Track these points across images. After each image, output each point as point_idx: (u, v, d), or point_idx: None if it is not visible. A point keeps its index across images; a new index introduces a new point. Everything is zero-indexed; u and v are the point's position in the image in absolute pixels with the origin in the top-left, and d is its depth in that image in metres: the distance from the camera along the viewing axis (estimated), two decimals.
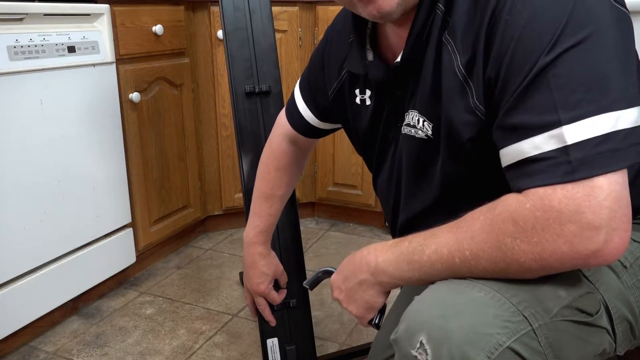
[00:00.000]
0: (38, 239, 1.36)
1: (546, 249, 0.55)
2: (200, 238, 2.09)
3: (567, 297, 0.60)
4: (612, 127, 0.53)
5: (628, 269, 0.66)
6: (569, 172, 0.53)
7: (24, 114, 1.29)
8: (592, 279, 0.64)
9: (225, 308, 1.59)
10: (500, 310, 0.57)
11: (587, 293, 0.62)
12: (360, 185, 2.07)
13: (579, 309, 0.61)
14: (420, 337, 0.57)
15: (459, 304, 0.59)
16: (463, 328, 0.56)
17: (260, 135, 1.28)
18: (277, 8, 1.88)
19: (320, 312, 1.55)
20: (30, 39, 1.28)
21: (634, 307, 0.65)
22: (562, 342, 0.59)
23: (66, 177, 1.42)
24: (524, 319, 0.57)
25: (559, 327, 0.59)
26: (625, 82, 0.55)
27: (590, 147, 0.53)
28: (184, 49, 1.81)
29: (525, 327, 0.57)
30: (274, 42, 1.33)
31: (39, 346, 1.40)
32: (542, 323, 0.58)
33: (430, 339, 0.57)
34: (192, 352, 1.38)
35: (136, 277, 1.77)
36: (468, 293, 0.59)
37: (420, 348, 0.57)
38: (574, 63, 0.55)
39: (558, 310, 0.59)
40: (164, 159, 1.78)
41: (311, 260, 1.88)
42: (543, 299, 0.59)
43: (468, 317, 0.57)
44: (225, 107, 1.95)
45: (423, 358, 0.56)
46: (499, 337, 0.56)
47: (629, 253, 0.67)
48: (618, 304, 0.64)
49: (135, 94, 1.60)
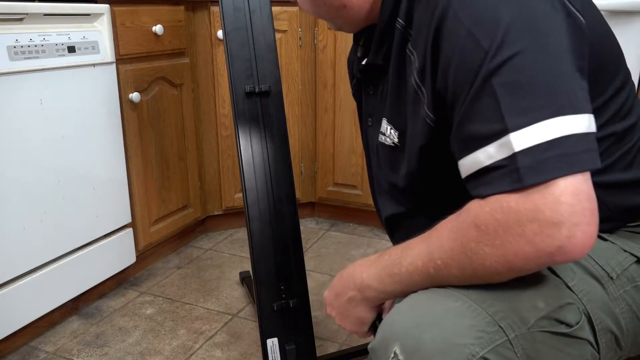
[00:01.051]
0: (38, 239, 1.36)
1: (509, 250, 0.54)
2: (200, 238, 2.09)
3: (545, 308, 0.59)
4: (560, 132, 0.53)
5: (615, 280, 0.65)
6: (518, 179, 0.53)
7: (24, 114, 1.29)
8: (575, 289, 0.63)
9: (225, 308, 1.59)
10: (476, 320, 0.57)
11: (567, 304, 0.61)
12: (360, 185, 2.07)
13: (558, 319, 0.60)
14: (395, 348, 0.58)
15: (434, 314, 0.58)
16: (436, 338, 0.56)
17: (260, 135, 1.28)
18: (277, 8, 1.88)
19: (320, 312, 1.55)
20: (30, 39, 1.28)
21: (619, 318, 0.64)
22: (540, 353, 0.58)
23: (66, 177, 1.42)
24: (500, 329, 0.57)
25: (537, 338, 0.58)
26: (572, 89, 0.55)
27: (537, 153, 0.53)
28: (184, 49, 1.81)
29: (500, 337, 0.57)
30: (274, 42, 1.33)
31: (39, 346, 1.40)
32: (518, 334, 0.58)
33: (404, 349, 0.57)
34: (192, 352, 1.38)
35: (136, 277, 1.77)
36: (444, 303, 0.59)
37: (394, 358, 0.57)
38: (519, 70, 0.54)
39: (535, 321, 0.59)
40: (164, 159, 1.78)
41: (311, 260, 1.88)
42: (520, 310, 0.58)
43: (442, 328, 0.57)
44: (225, 107, 1.95)
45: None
46: (472, 348, 0.55)
47: (617, 264, 0.66)
48: (602, 315, 0.63)
49: (135, 93, 1.60)
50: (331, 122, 2.05)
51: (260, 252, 1.23)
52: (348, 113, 2.01)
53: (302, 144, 2.10)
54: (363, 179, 2.06)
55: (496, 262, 0.56)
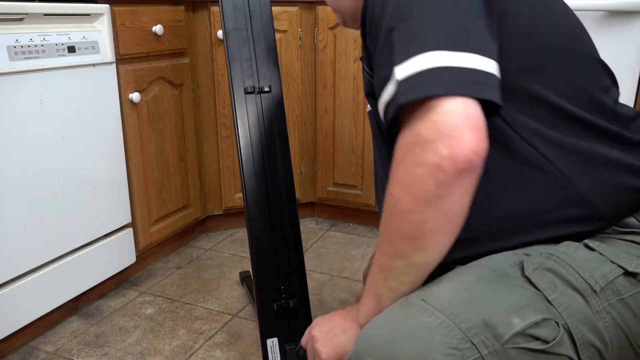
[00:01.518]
0: (38, 239, 1.36)
1: (407, 181, 0.59)
2: (200, 238, 2.09)
3: (520, 324, 0.59)
4: (439, 63, 0.57)
5: (598, 294, 0.64)
6: (396, 103, 0.59)
7: (24, 114, 1.29)
8: (555, 303, 0.62)
9: (225, 308, 1.59)
10: (447, 337, 0.58)
11: (543, 319, 0.60)
12: (360, 185, 2.07)
13: (533, 336, 0.59)
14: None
15: (406, 330, 0.59)
16: (408, 354, 0.57)
17: (260, 135, 1.28)
18: (277, 8, 1.88)
19: (320, 312, 1.55)
20: (30, 39, 1.28)
21: (602, 332, 0.63)
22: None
23: (66, 177, 1.42)
24: (473, 345, 0.57)
25: (511, 354, 0.58)
26: (455, 29, 0.60)
27: (414, 78, 0.58)
28: (184, 49, 1.81)
29: (473, 354, 0.57)
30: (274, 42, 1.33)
31: (39, 346, 1.40)
32: (492, 350, 0.58)
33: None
34: (192, 352, 1.38)
35: (136, 277, 1.77)
36: (417, 318, 0.60)
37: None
38: (410, 21, 0.61)
39: (510, 337, 0.58)
40: (164, 159, 1.78)
41: (311, 260, 1.88)
42: (494, 326, 0.58)
43: (414, 344, 0.58)
44: (225, 107, 1.95)
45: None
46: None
47: (601, 276, 0.65)
48: (583, 329, 0.62)
49: (135, 94, 1.60)
50: (331, 122, 2.05)
51: (260, 252, 1.23)
52: (348, 113, 2.01)
53: (302, 144, 2.10)
54: (363, 179, 2.06)
55: (405, 199, 0.60)
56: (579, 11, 1.56)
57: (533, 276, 0.64)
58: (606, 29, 1.55)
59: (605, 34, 1.56)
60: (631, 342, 0.65)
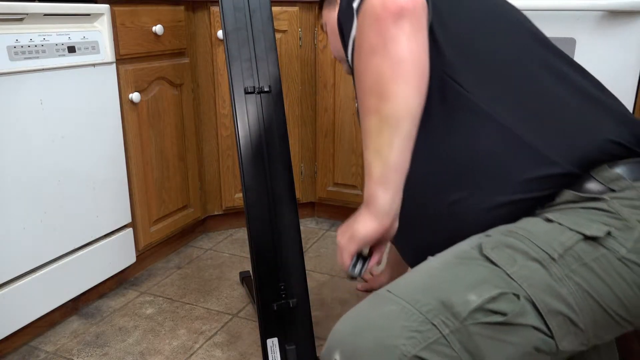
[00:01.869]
0: (38, 239, 1.36)
1: (360, 44, 0.69)
2: (200, 238, 2.09)
3: (477, 300, 0.61)
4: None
5: (557, 261, 0.65)
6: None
7: (24, 114, 1.29)
8: (515, 276, 0.64)
9: (225, 308, 1.59)
10: (409, 321, 0.60)
11: (500, 294, 0.62)
12: (360, 185, 2.07)
13: (492, 310, 0.61)
14: (335, 355, 0.62)
15: (369, 320, 0.62)
16: (370, 342, 0.59)
17: (260, 135, 1.28)
18: (277, 8, 1.88)
19: (320, 312, 1.55)
20: (30, 39, 1.28)
21: (567, 299, 0.63)
22: (479, 345, 0.60)
23: (66, 177, 1.42)
24: (433, 326, 0.60)
25: (472, 330, 0.60)
26: None
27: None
28: (184, 49, 1.81)
29: (434, 334, 0.59)
30: (274, 42, 1.33)
31: (39, 346, 1.40)
32: (453, 329, 0.60)
33: (343, 356, 0.61)
34: (192, 352, 1.38)
35: (136, 277, 1.77)
36: (381, 308, 0.63)
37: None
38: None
39: (468, 314, 0.60)
40: (164, 159, 1.78)
41: (311, 260, 1.88)
42: (452, 305, 0.61)
43: (376, 331, 0.60)
44: (225, 107, 1.95)
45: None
46: (404, 348, 0.58)
47: (559, 244, 0.66)
48: (546, 298, 0.63)
49: (135, 94, 1.60)
50: (331, 122, 2.05)
51: (260, 252, 1.23)
52: (348, 113, 2.01)
53: (302, 144, 2.10)
54: (363, 179, 2.05)
55: (364, 58, 0.68)
56: (579, 11, 1.56)
57: (492, 254, 0.66)
58: (606, 29, 1.55)
59: (605, 34, 1.56)
60: (604, 308, 0.65)
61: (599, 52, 1.57)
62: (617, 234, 0.66)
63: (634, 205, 0.68)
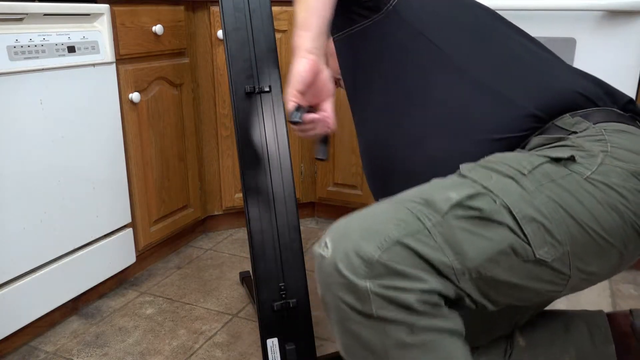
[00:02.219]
0: (38, 239, 1.36)
1: None
2: (200, 238, 2.09)
3: (456, 197, 0.67)
4: None
5: (527, 176, 0.70)
6: None
7: (24, 114, 1.29)
8: (491, 188, 0.69)
9: (225, 308, 1.59)
10: (397, 213, 0.67)
11: (478, 193, 0.68)
12: (360, 185, 2.07)
13: (470, 206, 0.67)
14: (326, 239, 0.68)
15: (362, 214, 0.69)
16: (360, 227, 0.66)
17: (260, 135, 1.28)
18: (277, 8, 1.88)
19: (320, 312, 1.56)
20: (30, 39, 1.28)
21: (540, 208, 0.68)
22: (457, 238, 0.65)
23: (66, 177, 1.42)
24: (418, 220, 0.66)
25: (452, 224, 0.66)
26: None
27: None
28: (184, 49, 1.81)
29: (418, 227, 0.65)
30: (274, 42, 1.33)
31: (39, 346, 1.40)
32: (434, 222, 0.66)
33: (332, 239, 0.67)
34: (192, 352, 1.38)
35: (136, 277, 1.77)
36: (373, 208, 0.70)
37: (324, 246, 0.67)
38: None
39: (448, 209, 0.66)
40: (164, 159, 1.78)
41: (311, 260, 1.88)
42: (434, 202, 0.67)
43: (366, 219, 0.68)
44: (225, 107, 1.95)
45: (325, 253, 0.66)
46: (390, 232, 0.64)
47: (528, 163, 0.72)
48: (521, 204, 0.68)
49: (135, 94, 1.60)
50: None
51: (260, 252, 1.23)
52: (348, 113, 2.01)
53: (302, 144, 2.10)
54: (363, 179, 2.06)
55: None
56: (579, 11, 1.56)
57: (469, 174, 0.72)
58: (606, 29, 1.55)
59: (605, 34, 1.56)
60: (577, 221, 0.69)
61: (599, 52, 1.57)
62: (581, 161, 0.72)
63: (594, 139, 0.75)
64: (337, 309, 0.66)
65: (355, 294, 0.64)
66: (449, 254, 0.65)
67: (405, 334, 0.64)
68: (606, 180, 0.70)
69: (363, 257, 0.63)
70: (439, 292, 0.64)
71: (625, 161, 0.72)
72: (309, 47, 0.81)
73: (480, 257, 0.65)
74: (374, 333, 0.65)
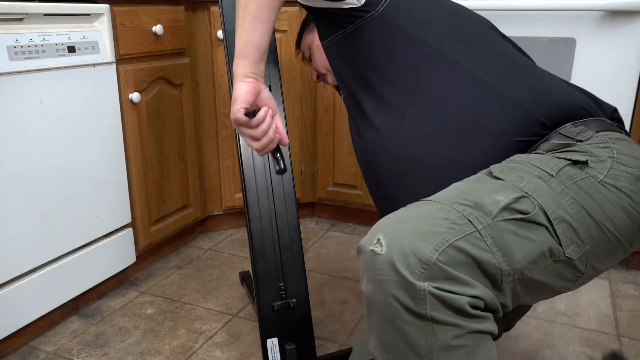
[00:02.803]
0: (38, 239, 1.36)
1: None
2: (200, 238, 2.09)
3: (504, 200, 0.70)
4: None
5: (555, 177, 0.75)
6: None
7: (24, 114, 1.29)
8: (525, 189, 0.72)
9: (225, 308, 1.59)
10: (448, 215, 0.68)
11: (522, 196, 0.71)
12: (360, 185, 2.07)
13: (516, 209, 0.70)
14: (378, 236, 0.68)
15: (412, 214, 0.71)
16: (415, 228, 0.67)
17: None
18: None
19: (320, 312, 1.56)
20: (30, 39, 1.28)
21: (568, 209, 0.72)
22: (506, 240, 0.68)
23: (66, 177, 1.42)
24: (469, 222, 0.68)
25: (501, 226, 0.69)
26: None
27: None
28: (184, 49, 1.81)
29: (470, 229, 0.67)
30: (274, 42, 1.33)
31: (39, 346, 1.40)
32: (485, 225, 0.68)
33: (386, 235, 0.68)
34: (192, 352, 1.38)
35: (136, 277, 1.77)
36: (421, 207, 0.72)
37: (377, 243, 0.68)
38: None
39: (498, 212, 0.69)
40: (164, 159, 1.78)
41: (311, 260, 1.88)
42: (484, 205, 0.70)
43: (418, 221, 0.69)
44: (225, 107, 1.95)
45: (378, 249, 0.67)
46: (445, 235, 0.66)
47: (554, 165, 0.76)
48: (552, 205, 0.72)
49: (135, 94, 1.60)
50: (331, 122, 2.05)
51: (260, 252, 1.23)
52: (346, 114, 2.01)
53: (302, 144, 2.10)
54: (363, 179, 2.06)
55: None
56: (579, 11, 1.56)
57: (501, 175, 0.75)
58: (606, 29, 1.55)
59: (605, 34, 1.56)
60: (596, 221, 0.74)
61: (599, 52, 1.57)
62: (593, 165, 0.77)
63: (600, 146, 0.81)
64: (387, 306, 0.67)
65: (410, 293, 0.65)
66: (498, 256, 0.67)
67: (452, 336, 0.66)
68: (616, 183, 0.76)
69: (421, 258, 0.64)
70: (485, 296, 0.67)
71: (630, 166, 0.78)
72: (246, 73, 0.87)
73: (526, 259, 0.69)
74: (422, 333, 0.66)
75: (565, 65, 1.61)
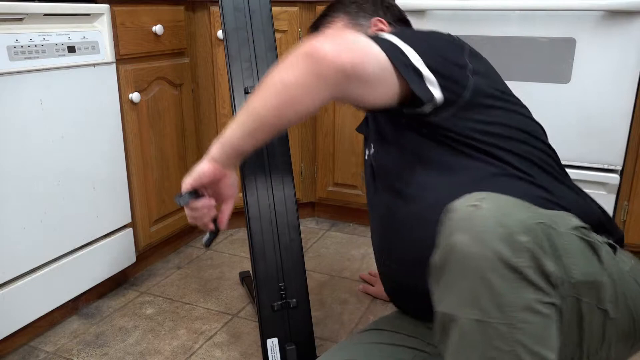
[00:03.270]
0: (38, 239, 1.36)
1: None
2: (200, 238, 2.09)
3: (579, 223, 0.80)
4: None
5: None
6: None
7: (24, 114, 1.29)
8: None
9: (225, 308, 1.59)
10: (529, 212, 0.74)
11: (586, 227, 0.81)
12: (360, 185, 2.07)
13: (586, 233, 0.80)
14: (476, 197, 0.73)
15: (506, 197, 0.75)
16: (513, 202, 0.73)
17: None
18: (277, 8, 1.88)
19: (320, 312, 1.55)
20: (30, 39, 1.28)
21: (613, 273, 0.83)
22: (568, 251, 0.75)
23: (66, 177, 1.42)
24: (550, 227, 0.73)
25: (571, 239, 0.77)
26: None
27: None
28: (184, 49, 1.81)
29: (549, 229, 0.73)
30: (274, 42, 1.33)
31: (39, 346, 1.40)
32: (558, 231, 0.75)
33: (487, 200, 0.72)
34: (192, 352, 1.38)
35: (136, 277, 1.77)
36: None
37: (475, 201, 0.72)
38: None
39: (571, 228, 0.78)
40: (164, 159, 1.78)
41: (311, 260, 1.88)
42: (557, 221, 0.76)
43: (505, 207, 0.72)
44: (225, 107, 1.95)
45: (480, 204, 0.71)
46: (533, 218, 0.72)
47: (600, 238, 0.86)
48: (610, 262, 0.83)
49: (135, 94, 1.60)
50: (331, 122, 2.05)
51: (260, 252, 1.23)
52: (348, 113, 2.01)
53: (302, 144, 2.10)
54: (363, 179, 2.06)
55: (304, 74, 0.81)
56: (579, 11, 1.56)
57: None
58: (606, 29, 1.55)
59: (605, 34, 1.56)
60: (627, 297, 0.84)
61: (599, 52, 1.57)
62: (621, 257, 0.88)
63: (625, 255, 0.92)
64: (483, 257, 0.68)
65: (511, 245, 0.68)
66: (564, 261, 0.74)
67: (536, 299, 0.68)
68: (638, 279, 0.87)
69: (520, 220, 0.69)
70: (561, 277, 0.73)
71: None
72: (216, 157, 0.93)
73: (584, 277, 0.76)
74: (510, 287, 0.68)
75: (565, 65, 1.61)
